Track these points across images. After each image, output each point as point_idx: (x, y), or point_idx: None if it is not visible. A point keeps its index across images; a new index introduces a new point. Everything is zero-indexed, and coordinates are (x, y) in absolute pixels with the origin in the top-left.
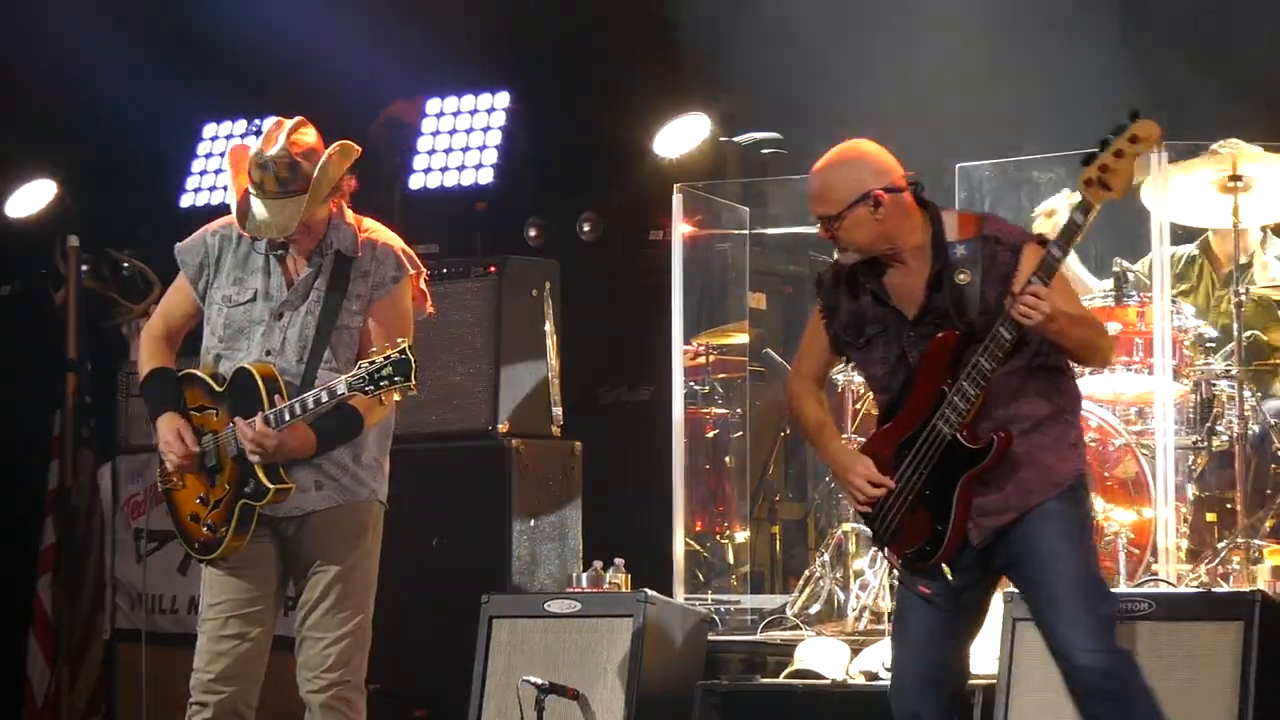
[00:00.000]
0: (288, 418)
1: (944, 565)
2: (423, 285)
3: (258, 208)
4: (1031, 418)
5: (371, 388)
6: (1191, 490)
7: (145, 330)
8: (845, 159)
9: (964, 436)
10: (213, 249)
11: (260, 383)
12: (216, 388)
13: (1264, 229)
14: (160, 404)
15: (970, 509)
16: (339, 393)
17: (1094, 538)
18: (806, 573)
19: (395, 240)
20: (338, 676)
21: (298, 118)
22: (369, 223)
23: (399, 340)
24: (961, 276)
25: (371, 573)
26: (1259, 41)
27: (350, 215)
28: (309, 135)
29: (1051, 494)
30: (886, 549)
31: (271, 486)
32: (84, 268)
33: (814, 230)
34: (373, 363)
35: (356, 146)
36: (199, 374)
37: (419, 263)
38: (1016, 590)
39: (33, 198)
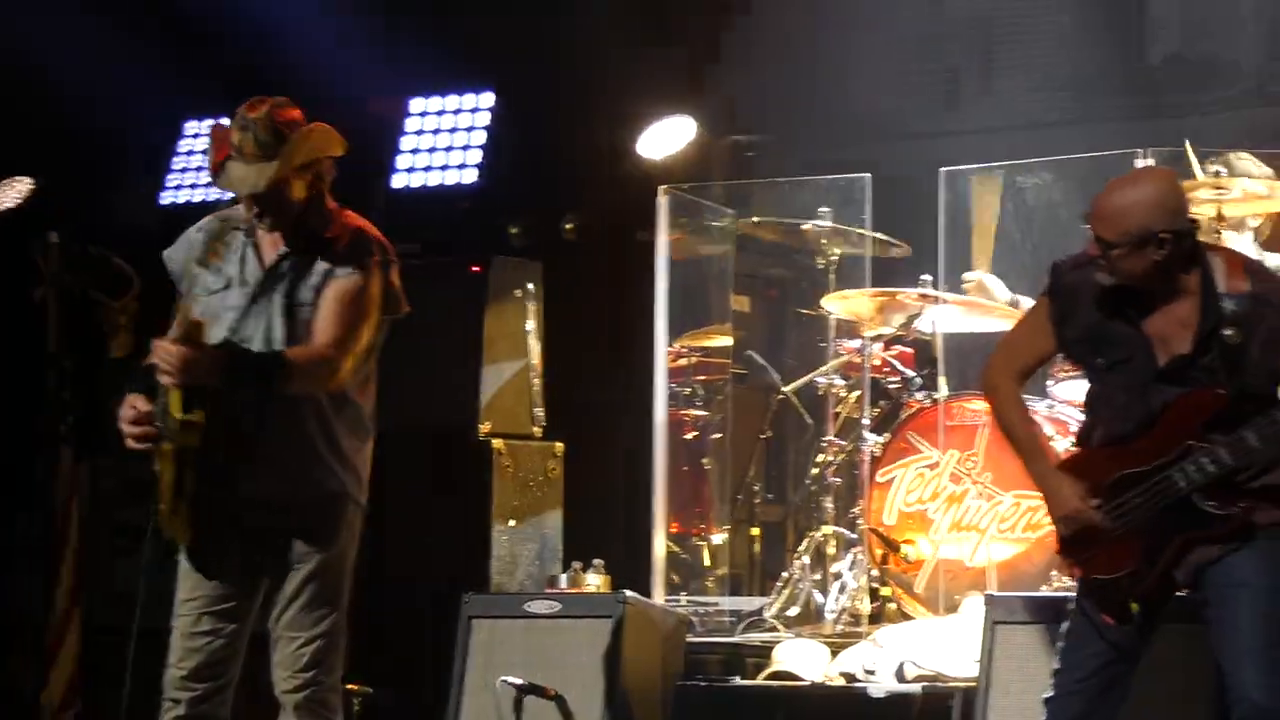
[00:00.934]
0: None
1: (1134, 603)
2: (395, 280)
3: (233, 168)
4: (1272, 487)
5: None
6: None
7: None
8: (1140, 191)
9: (1208, 501)
10: (196, 245)
11: None
12: None
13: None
14: (129, 385)
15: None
16: None
17: None
18: (785, 575)
19: (371, 228)
20: (312, 676)
21: (284, 98)
22: (350, 214)
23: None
24: (1230, 334)
25: (345, 571)
26: (1239, 52)
27: (331, 203)
28: (294, 112)
29: (1255, 532)
30: (1074, 567)
31: (178, 418)
32: (64, 264)
33: (797, 228)
34: None
35: (342, 139)
36: None
37: (391, 251)
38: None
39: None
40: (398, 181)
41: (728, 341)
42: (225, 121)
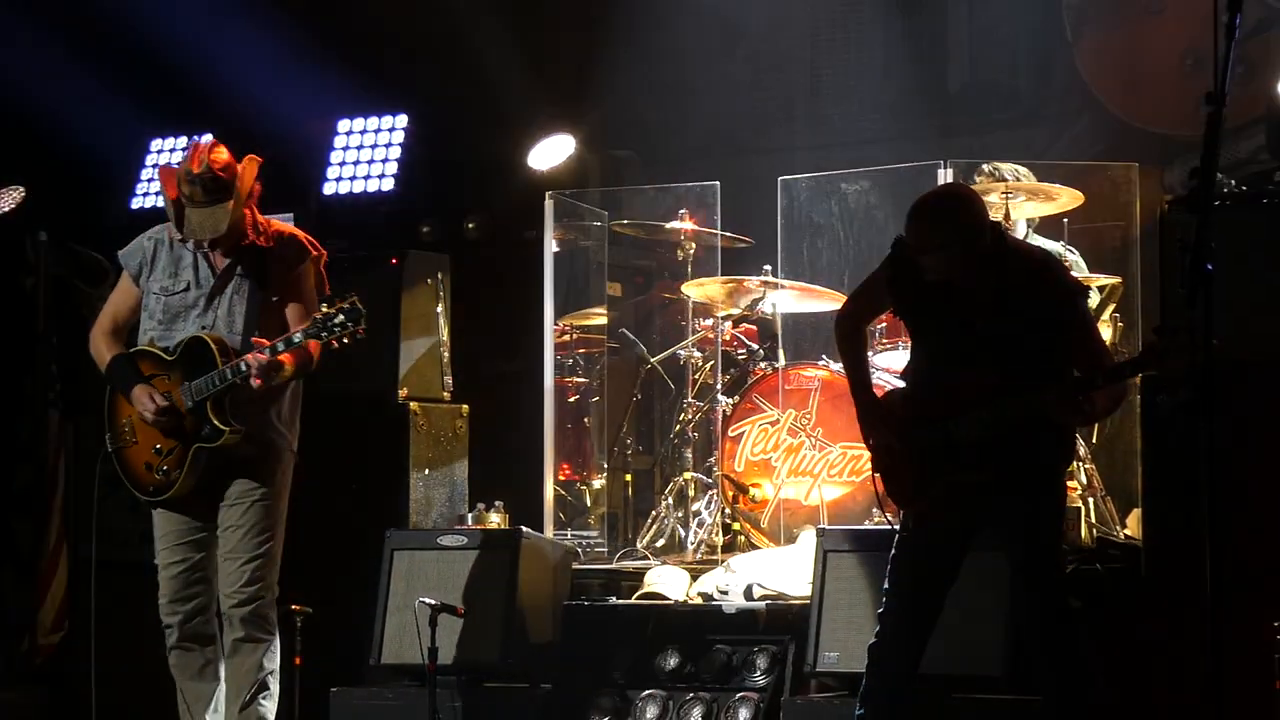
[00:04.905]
0: (244, 368)
1: (909, 520)
2: (321, 268)
3: (191, 216)
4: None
5: (326, 334)
6: None
7: (96, 328)
8: (964, 204)
9: (966, 451)
10: (148, 250)
11: (213, 347)
12: (166, 357)
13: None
14: (128, 382)
15: (953, 489)
16: (295, 341)
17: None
18: (653, 513)
19: (298, 230)
20: (254, 591)
21: (209, 138)
22: (275, 220)
23: (348, 294)
24: (1014, 327)
25: (281, 507)
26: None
27: (260, 215)
28: (222, 152)
29: (1038, 478)
30: (879, 480)
31: (225, 429)
32: (50, 258)
33: (660, 227)
34: (326, 315)
35: (259, 158)
36: (147, 349)
37: (319, 246)
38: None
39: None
40: (328, 189)
41: (603, 321)
42: (168, 160)
